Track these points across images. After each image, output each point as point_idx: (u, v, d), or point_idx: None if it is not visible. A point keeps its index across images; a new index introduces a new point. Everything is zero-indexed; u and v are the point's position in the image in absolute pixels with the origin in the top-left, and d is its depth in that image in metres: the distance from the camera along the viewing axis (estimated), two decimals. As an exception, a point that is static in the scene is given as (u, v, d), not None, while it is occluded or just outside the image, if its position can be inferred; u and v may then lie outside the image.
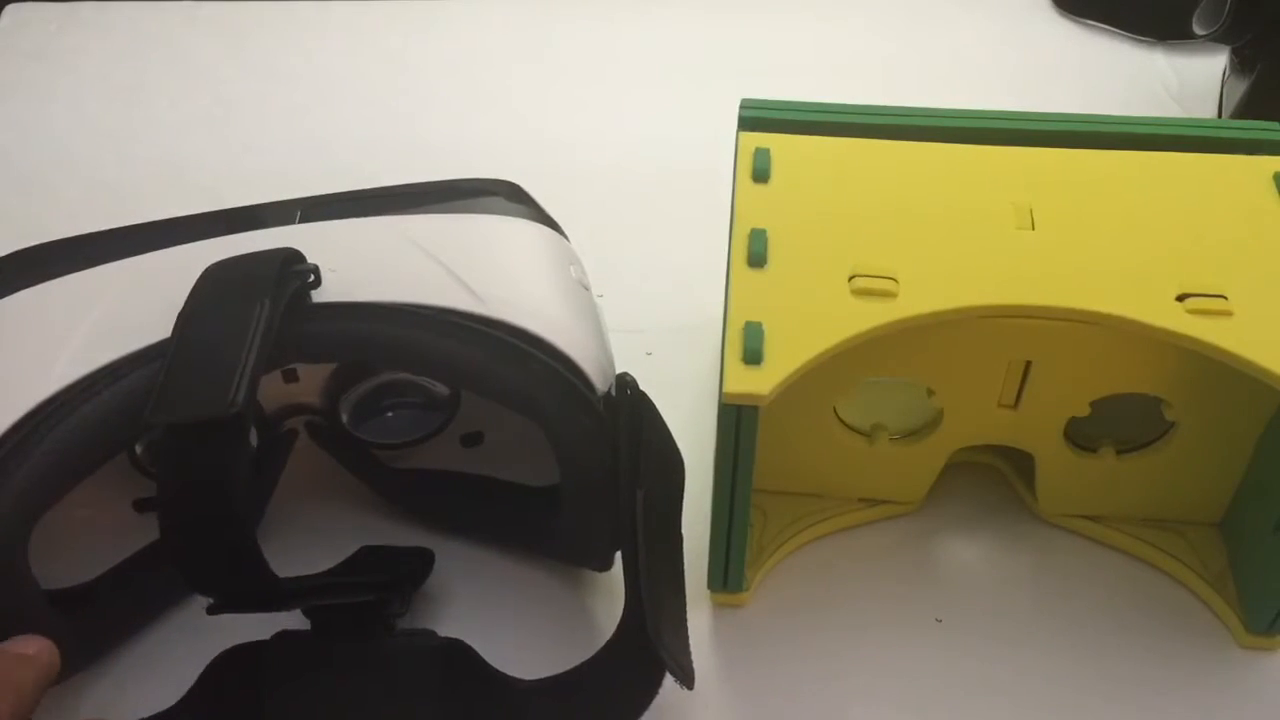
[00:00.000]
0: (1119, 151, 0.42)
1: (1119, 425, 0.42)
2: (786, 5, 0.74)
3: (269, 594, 0.35)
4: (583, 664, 0.38)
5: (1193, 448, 0.41)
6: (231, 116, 0.66)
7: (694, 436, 0.46)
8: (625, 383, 0.38)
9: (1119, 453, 0.42)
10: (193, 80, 0.69)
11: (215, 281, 0.37)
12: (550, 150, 0.62)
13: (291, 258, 0.38)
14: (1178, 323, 0.36)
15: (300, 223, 0.42)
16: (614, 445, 0.37)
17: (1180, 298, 0.37)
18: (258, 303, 0.36)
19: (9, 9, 0.74)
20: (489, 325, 0.38)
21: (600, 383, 0.39)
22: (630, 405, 0.37)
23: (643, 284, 0.53)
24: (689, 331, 0.51)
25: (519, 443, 0.39)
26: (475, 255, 0.40)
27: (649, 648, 0.34)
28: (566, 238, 0.44)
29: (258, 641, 0.38)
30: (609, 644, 0.37)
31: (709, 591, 0.42)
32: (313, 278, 0.38)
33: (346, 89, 0.68)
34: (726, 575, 0.41)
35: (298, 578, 0.37)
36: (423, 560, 0.42)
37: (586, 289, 0.43)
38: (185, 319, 0.36)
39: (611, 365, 0.40)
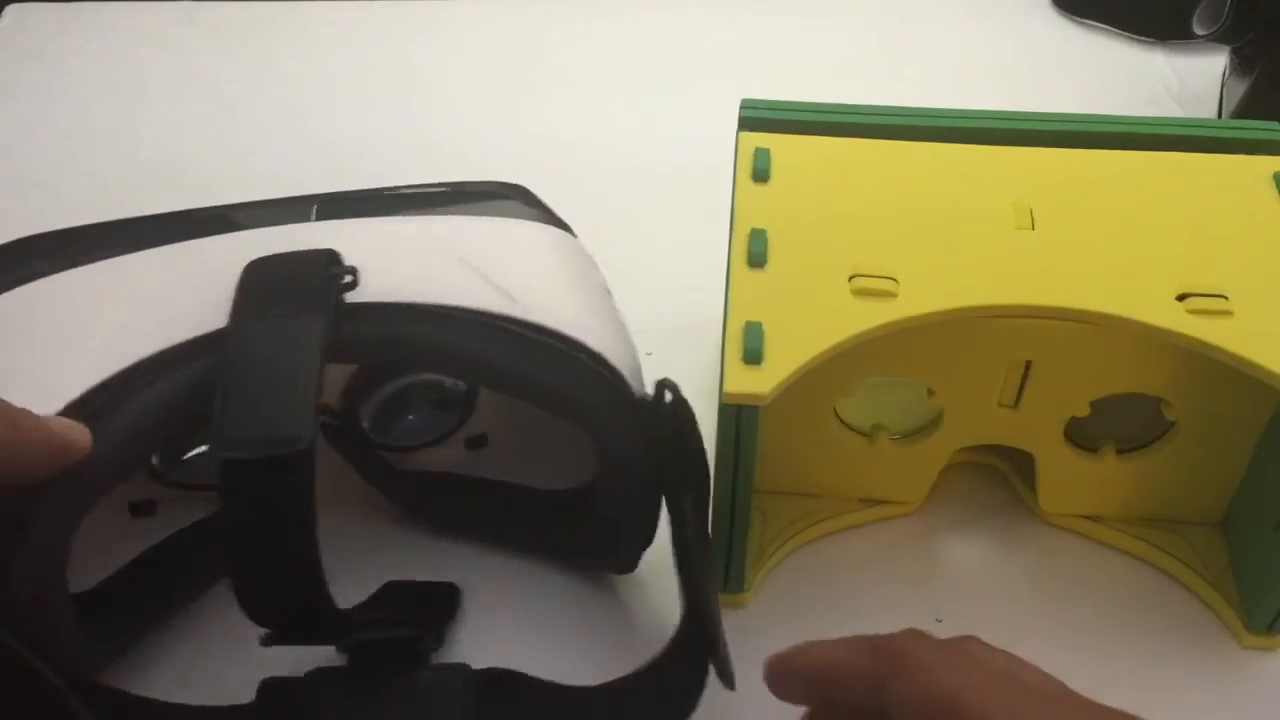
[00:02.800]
0: (1119, 151, 0.42)
1: (1119, 425, 0.42)
2: (786, 5, 0.74)
3: (329, 627, 0.34)
4: (639, 670, 0.37)
5: (1193, 448, 0.41)
6: (231, 116, 0.66)
7: (694, 436, 0.46)
8: (668, 387, 0.37)
9: (1119, 453, 0.42)
10: (193, 80, 0.69)
11: (260, 287, 0.36)
12: (550, 150, 0.62)
13: (331, 259, 0.37)
14: (1178, 322, 0.36)
15: (316, 220, 0.41)
16: (655, 448, 0.37)
17: (1180, 297, 0.37)
18: (313, 318, 0.35)
19: (9, 9, 0.74)
20: (527, 328, 0.37)
21: (635, 385, 0.38)
22: (675, 410, 0.37)
23: (643, 284, 0.53)
24: (689, 331, 0.51)
25: (524, 446, 0.38)
26: (504, 258, 0.40)
27: (715, 653, 0.34)
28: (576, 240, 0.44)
29: (295, 678, 0.37)
30: (667, 650, 0.37)
31: (709, 591, 0.42)
32: (350, 278, 0.37)
33: (346, 89, 0.68)
34: (727, 575, 0.41)
35: (351, 610, 0.36)
36: (449, 594, 0.42)
37: (609, 293, 0.42)
38: (235, 331, 0.35)
39: (640, 368, 0.40)
